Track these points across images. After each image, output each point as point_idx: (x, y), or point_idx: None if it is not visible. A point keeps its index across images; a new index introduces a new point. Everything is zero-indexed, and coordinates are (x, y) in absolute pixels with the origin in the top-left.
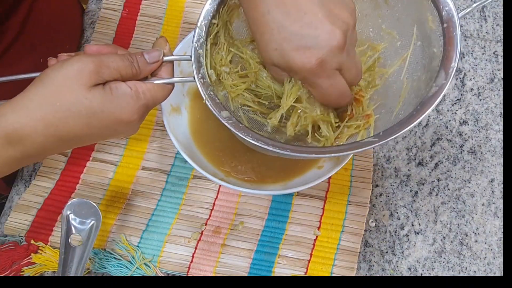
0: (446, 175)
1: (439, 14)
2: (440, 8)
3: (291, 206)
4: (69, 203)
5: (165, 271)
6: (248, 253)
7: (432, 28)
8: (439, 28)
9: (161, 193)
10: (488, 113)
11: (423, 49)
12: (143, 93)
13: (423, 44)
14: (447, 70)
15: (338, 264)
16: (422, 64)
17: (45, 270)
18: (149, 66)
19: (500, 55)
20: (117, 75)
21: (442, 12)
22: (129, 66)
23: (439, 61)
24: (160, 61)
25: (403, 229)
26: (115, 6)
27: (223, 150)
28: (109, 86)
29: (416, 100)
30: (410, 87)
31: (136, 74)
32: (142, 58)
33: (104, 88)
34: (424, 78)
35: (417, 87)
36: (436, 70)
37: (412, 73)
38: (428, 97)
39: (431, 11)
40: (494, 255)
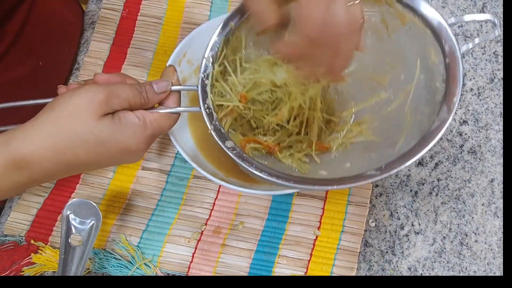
0: (446, 175)
1: (442, 49)
2: (442, 43)
3: (291, 206)
4: (69, 203)
5: (165, 271)
6: (248, 253)
7: (435, 62)
8: (441, 63)
9: (161, 193)
10: (488, 113)
11: (426, 83)
12: (150, 123)
13: (426, 78)
14: (450, 105)
15: (338, 264)
16: (425, 98)
17: (45, 270)
18: (157, 96)
19: (500, 55)
20: (126, 105)
21: (445, 46)
22: (138, 96)
23: (441, 95)
24: (168, 91)
25: (403, 229)
26: (115, 6)
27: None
28: (118, 116)
29: (419, 134)
30: (414, 120)
31: (144, 104)
32: (151, 88)
33: (113, 117)
34: (427, 112)
35: (420, 120)
36: (439, 104)
37: (415, 106)
38: (430, 131)
39: (433, 45)
40: (494, 255)
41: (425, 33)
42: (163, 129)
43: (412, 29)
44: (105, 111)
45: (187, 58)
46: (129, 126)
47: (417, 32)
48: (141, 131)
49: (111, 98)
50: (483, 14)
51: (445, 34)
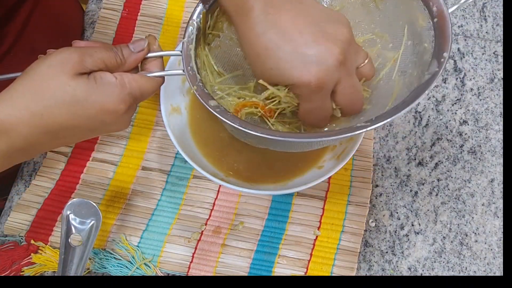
0: (446, 175)
1: (429, 11)
2: (430, 5)
3: (291, 206)
4: (69, 203)
5: (165, 271)
6: (248, 253)
7: (422, 26)
8: (429, 25)
9: (161, 193)
10: (488, 113)
11: (413, 47)
12: (129, 82)
13: (414, 42)
14: (440, 59)
15: (338, 264)
16: (413, 62)
17: (45, 270)
18: (134, 55)
19: (500, 55)
20: (102, 65)
21: (433, 8)
22: (113, 56)
23: (430, 54)
24: (146, 50)
25: (403, 229)
26: (115, 6)
27: (223, 150)
28: (94, 76)
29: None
30: (402, 83)
31: (121, 64)
32: (127, 48)
33: (89, 77)
34: (416, 74)
35: (409, 82)
36: (428, 62)
37: (403, 71)
38: (421, 84)
39: (420, 10)
40: (494, 255)
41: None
42: (145, 90)
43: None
44: (79, 70)
45: None
46: (105, 84)
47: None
48: (119, 90)
49: (85, 57)
50: None
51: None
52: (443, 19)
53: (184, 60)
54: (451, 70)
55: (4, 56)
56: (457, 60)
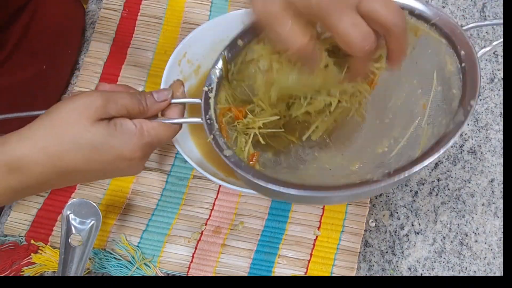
0: (446, 175)
1: (457, 54)
2: (458, 49)
3: (291, 206)
4: (69, 203)
5: (165, 271)
6: (248, 253)
7: (451, 71)
8: (458, 69)
9: (161, 193)
10: (488, 113)
11: (443, 94)
12: (148, 131)
13: (444, 88)
14: (466, 107)
15: (338, 264)
16: (442, 109)
17: (45, 270)
18: (157, 104)
19: (500, 55)
20: (124, 112)
21: (460, 52)
22: (137, 103)
23: (458, 100)
24: (169, 100)
25: (403, 229)
26: (115, 6)
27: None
28: (114, 122)
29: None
30: (431, 133)
31: (143, 112)
32: (151, 97)
33: (109, 123)
34: (444, 122)
35: (437, 132)
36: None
37: (433, 119)
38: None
39: (449, 54)
40: (494, 255)
41: (440, 43)
42: (162, 139)
43: (426, 40)
44: (101, 116)
45: (187, 58)
46: (125, 132)
47: (432, 43)
48: (137, 138)
49: (109, 103)
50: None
51: (460, 40)
52: (472, 63)
53: (203, 109)
54: None
55: (6, 60)
56: None
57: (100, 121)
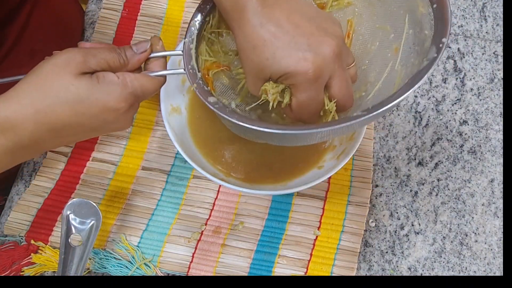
0: (446, 175)
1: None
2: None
3: (291, 206)
4: (69, 203)
5: (165, 271)
6: (248, 253)
7: (422, 13)
8: (429, 11)
9: (161, 193)
10: (488, 113)
11: (415, 36)
12: (131, 81)
13: (415, 31)
14: (438, 45)
15: (338, 264)
16: (414, 51)
17: (45, 270)
18: (136, 56)
19: (500, 55)
20: (105, 65)
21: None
22: (117, 57)
23: (430, 40)
24: (148, 51)
25: (403, 229)
26: (115, 6)
27: (223, 151)
28: (97, 75)
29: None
30: (404, 74)
31: (124, 65)
32: (130, 49)
33: (92, 76)
34: (417, 62)
35: (410, 72)
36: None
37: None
38: (418, 71)
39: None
40: (494, 255)
41: None
42: (147, 89)
43: None
44: (83, 69)
45: None
46: (108, 83)
47: None
48: (120, 89)
49: (88, 57)
50: None
51: None
52: (442, 3)
53: (185, 59)
54: (451, 70)
55: (4, 58)
56: (457, 60)
57: (83, 74)
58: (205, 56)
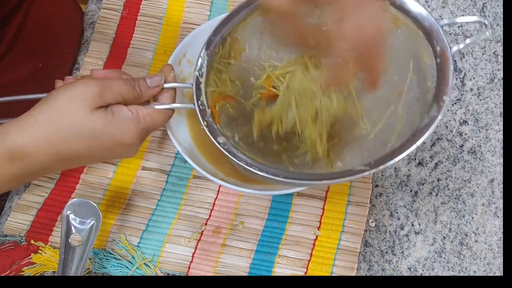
0: (446, 175)
1: (433, 50)
2: (434, 44)
3: (291, 206)
4: (69, 203)
5: (165, 271)
6: (248, 253)
7: (427, 64)
8: (433, 63)
9: (161, 193)
10: (488, 113)
11: (418, 83)
12: (144, 117)
13: (418, 79)
14: (439, 103)
15: (338, 264)
16: (416, 98)
17: (45, 270)
18: (150, 90)
19: (500, 55)
20: (119, 99)
21: (436, 47)
22: (131, 90)
23: (432, 94)
24: (161, 86)
25: (403, 229)
26: (115, 6)
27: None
28: (111, 110)
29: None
30: (406, 120)
31: (137, 98)
32: (144, 83)
33: (106, 111)
34: (418, 112)
35: (411, 120)
36: (429, 103)
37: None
38: (420, 129)
39: (426, 47)
40: (494, 255)
41: (417, 35)
42: (157, 124)
43: (405, 31)
44: (99, 104)
45: (187, 58)
46: (122, 119)
47: (410, 34)
48: (134, 125)
49: (105, 91)
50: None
51: (436, 35)
52: (445, 60)
53: (195, 94)
54: None
55: (2, 58)
56: (457, 60)
57: (98, 109)
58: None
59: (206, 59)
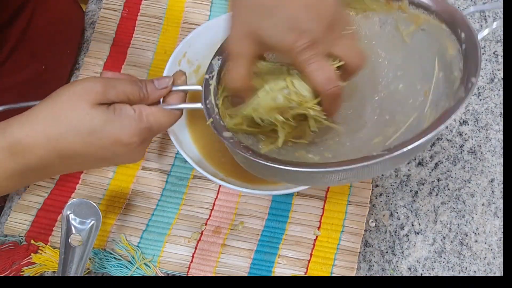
0: (446, 175)
1: (458, 37)
2: (458, 32)
3: (291, 206)
4: (69, 203)
5: (165, 271)
6: (248, 253)
7: (452, 55)
8: (458, 51)
9: (161, 193)
10: (488, 113)
11: (445, 79)
12: (146, 116)
13: (445, 73)
14: (467, 84)
15: (338, 264)
16: (445, 94)
17: (45, 270)
18: (157, 91)
19: (500, 55)
20: (124, 98)
21: (461, 34)
22: (137, 90)
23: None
24: (169, 87)
25: (403, 229)
26: (115, 6)
27: (223, 151)
28: (113, 107)
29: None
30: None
31: (143, 99)
32: (152, 84)
33: (108, 108)
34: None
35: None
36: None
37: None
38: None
39: (450, 38)
40: (494, 255)
41: (440, 29)
42: (162, 125)
43: (427, 29)
44: (101, 100)
45: (187, 58)
46: (123, 116)
47: (432, 30)
48: (135, 123)
49: (108, 89)
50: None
51: (460, 23)
52: (472, 44)
53: (204, 95)
54: None
55: (6, 60)
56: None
57: (100, 105)
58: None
59: (218, 63)
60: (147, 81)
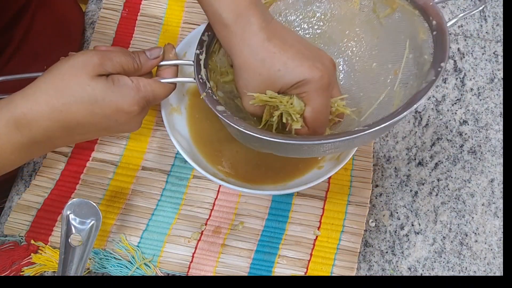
0: (446, 175)
1: (429, 25)
2: (430, 19)
3: (291, 206)
4: (69, 203)
5: (165, 271)
6: (248, 253)
7: (423, 39)
8: (429, 37)
9: (161, 193)
10: (488, 113)
11: (414, 60)
12: (144, 86)
13: (415, 55)
14: (437, 68)
15: (338, 264)
16: (413, 73)
17: (45, 270)
18: (150, 61)
19: (500, 55)
20: (120, 69)
21: (432, 22)
22: (131, 61)
23: (429, 64)
24: (161, 57)
25: (403, 229)
26: (115, 6)
27: (223, 151)
28: (112, 78)
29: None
30: (403, 95)
31: (137, 69)
32: (144, 55)
33: (107, 79)
34: (416, 85)
35: (409, 93)
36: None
37: (404, 83)
38: (417, 92)
39: (422, 24)
40: (494, 255)
41: (413, 15)
42: (158, 95)
43: (401, 13)
44: (99, 71)
45: (187, 58)
46: (122, 86)
47: (406, 15)
48: (134, 92)
49: (105, 60)
50: None
51: (431, 11)
52: (442, 32)
53: (196, 69)
54: (451, 70)
55: (9, 61)
56: (457, 60)
57: (99, 76)
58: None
59: (207, 39)
60: (139, 52)
